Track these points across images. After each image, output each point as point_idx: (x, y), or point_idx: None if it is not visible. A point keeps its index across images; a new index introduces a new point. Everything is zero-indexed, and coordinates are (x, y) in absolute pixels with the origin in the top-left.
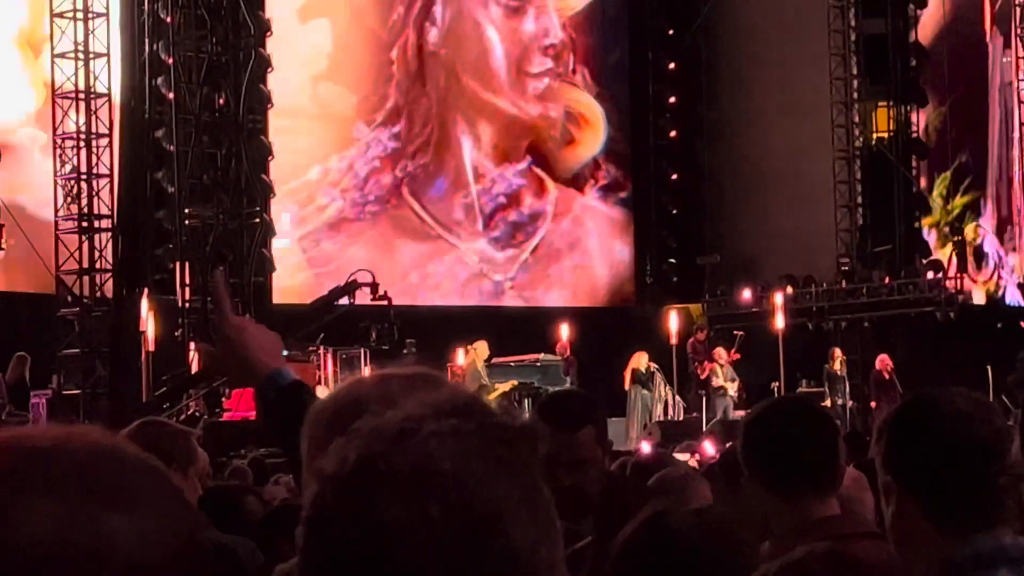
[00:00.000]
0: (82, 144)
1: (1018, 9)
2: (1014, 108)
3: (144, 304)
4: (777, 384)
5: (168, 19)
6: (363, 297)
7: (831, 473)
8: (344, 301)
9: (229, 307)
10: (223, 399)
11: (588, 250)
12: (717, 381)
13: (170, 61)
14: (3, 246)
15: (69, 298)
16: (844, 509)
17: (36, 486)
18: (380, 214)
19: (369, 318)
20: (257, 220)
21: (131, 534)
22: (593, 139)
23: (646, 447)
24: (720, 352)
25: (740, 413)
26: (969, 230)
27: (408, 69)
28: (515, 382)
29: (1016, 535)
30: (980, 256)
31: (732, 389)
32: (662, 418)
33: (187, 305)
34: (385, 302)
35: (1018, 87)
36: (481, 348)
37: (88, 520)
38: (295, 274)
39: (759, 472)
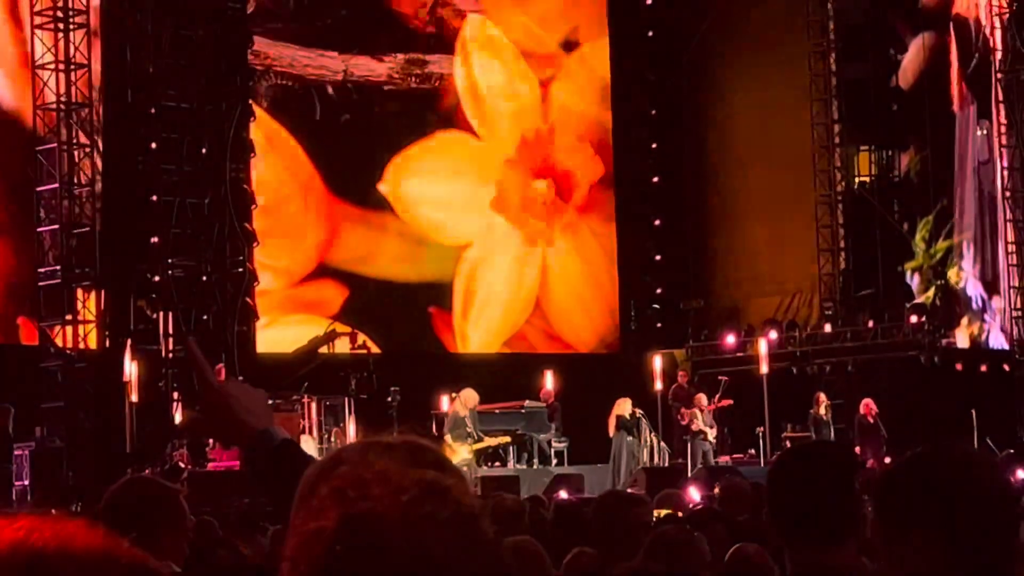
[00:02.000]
0: (65, 195)
1: (999, 85)
2: (996, 180)
3: (127, 355)
4: (762, 429)
5: (150, 69)
6: (344, 346)
7: (848, 519)
8: (324, 350)
9: (208, 372)
10: (207, 449)
11: (580, 294)
12: (698, 425)
13: (152, 111)
14: None
15: (52, 349)
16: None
17: None
18: None
19: (349, 367)
20: (240, 269)
21: None
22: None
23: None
24: (700, 398)
25: (724, 459)
26: (952, 274)
27: None
28: (507, 438)
29: None
30: (963, 300)
31: (711, 435)
32: (648, 464)
33: (171, 355)
34: (365, 351)
35: (1001, 154)
36: (467, 396)
37: None
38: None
39: (776, 520)
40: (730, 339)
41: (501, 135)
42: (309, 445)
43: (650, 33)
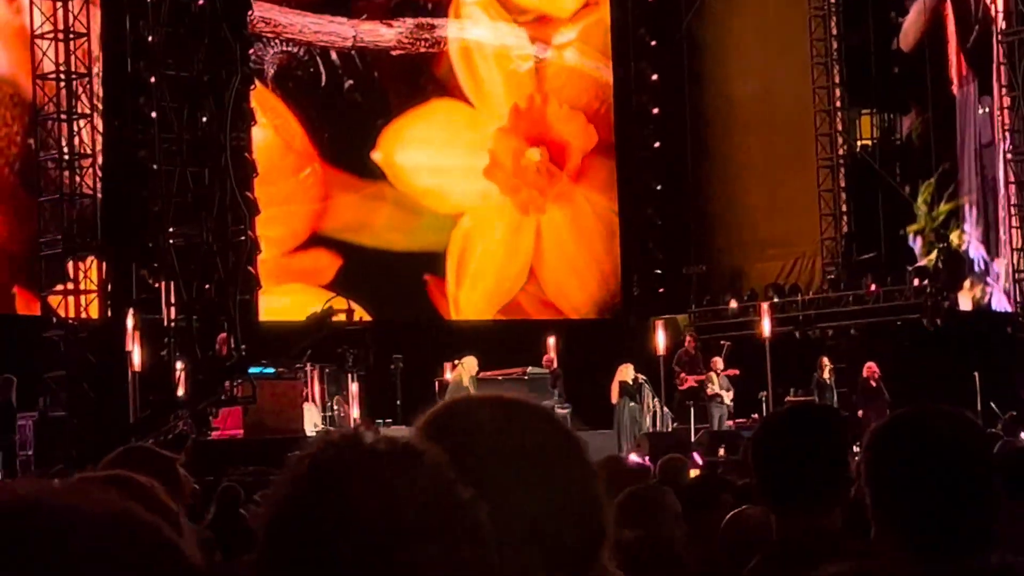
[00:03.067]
0: (65, 165)
1: (1002, 47)
2: (998, 164)
3: (130, 324)
4: (765, 393)
5: (150, 38)
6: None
7: (835, 483)
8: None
9: None
10: (211, 418)
11: (582, 260)
12: (713, 388)
13: (152, 80)
14: None
15: (54, 319)
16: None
17: (58, 564)
18: None
19: (345, 342)
20: (242, 238)
21: None
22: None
23: (635, 458)
24: (716, 361)
25: (728, 424)
26: (954, 237)
27: None
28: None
29: (1004, 555)
30: (966, 263)
31: (727, 398)
32: (650, 430)
33: (173, 325)
34: (360, 324)
35: (1004, 137)
36: (469, 363)
37: None
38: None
39: (761, 486)
40: (732, 304)
41: (494, 103)
42: (312, 413)
43: None
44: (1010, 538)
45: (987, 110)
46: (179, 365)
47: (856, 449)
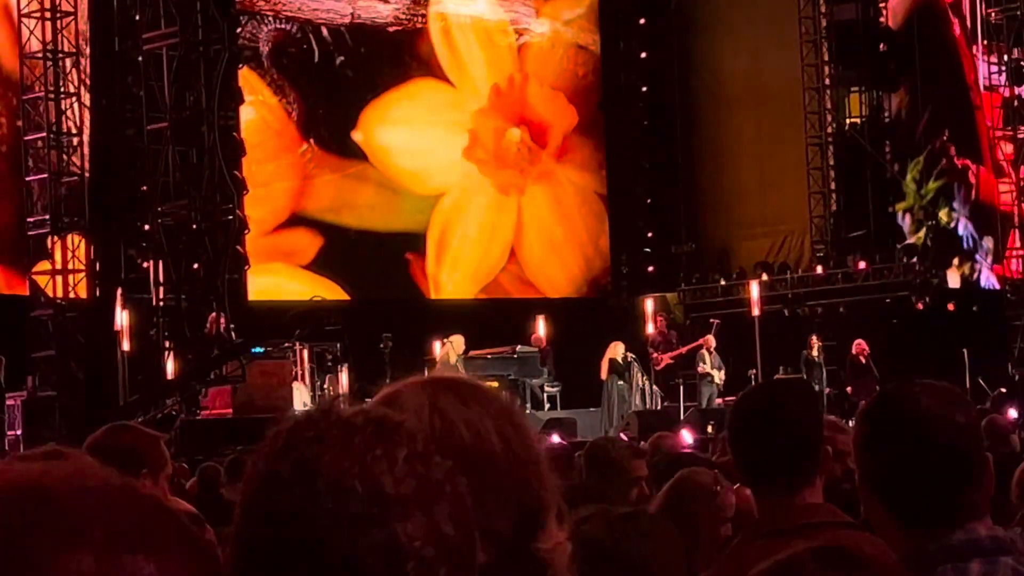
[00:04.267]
0: (52, 144)
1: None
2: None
3: (118, 303)
4: (755, 371)
5: (137, 17)
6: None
7: (811, 459)
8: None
9: None
10: (200, 398)
11: (563, 240)
12: (704, 368)
13: (140, 59)
14: None
15: (42, 299)
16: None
17: (65, 538)
18: None
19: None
20: (231, 217)
21: None
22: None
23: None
24: (709, 339)
25: (718, 402)
26: (943, 214)
27: None
28: (494, 383)
29: (993, 528)
30: (955, 240)
31: (718, 377)
32: (639, 408)
33: (162, 304)
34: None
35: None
36: (457, 342)
37: (118, 569)
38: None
39: (738, 465)
40: (722, 282)
41: (475, 83)
42: (302, 392)
43: None
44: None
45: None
46: (168, 344)
47: (848, 424)
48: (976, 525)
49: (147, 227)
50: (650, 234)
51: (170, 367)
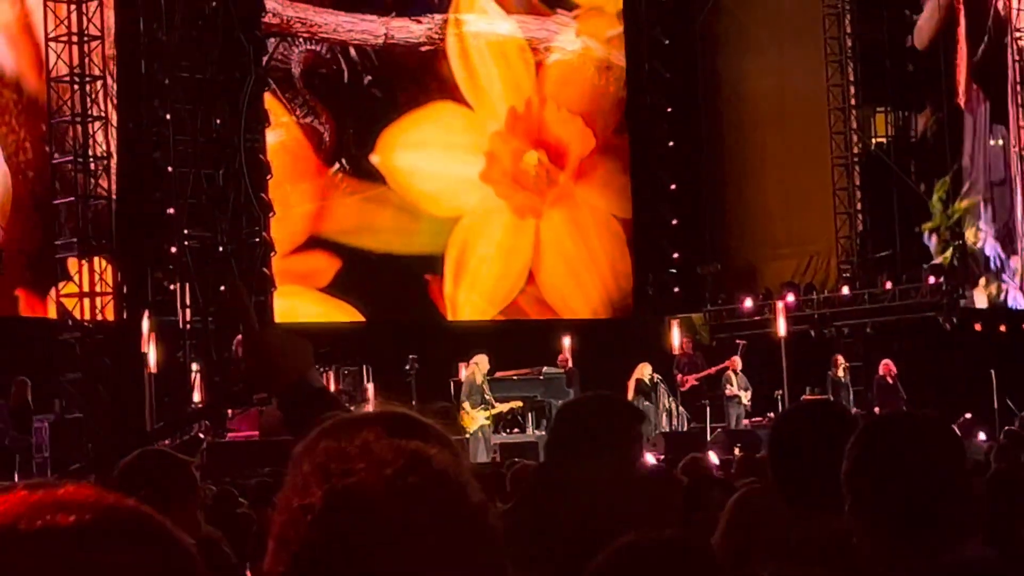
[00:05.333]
0: (80, 167)
1: (1018, 66)
2: (1015, 206)
3: (145, 326)
4: (780, 392)
5: (164, 40)
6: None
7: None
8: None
9: (252, 316)
10: (226, 420)
11: (581, 262)
12: (731, 390)
13: (167, 82)
14: (2, 270)
15: (70, 322)
16: None
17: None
18: None
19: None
20: (257, 239)
21: None
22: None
23: (649, 459)
24: (735, 360)
25: (744, 423)
26: (970, 234)
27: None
28: (519, 403)
29: (983, 547)
30: (980, 260)
31: (745, 398)
32: (666, 429)
33: (188, 326)
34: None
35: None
36: (482, 362)
37: None
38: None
39: (777, 485)
40: (747, 302)
41: (492, 105)
42: None
43: None
44: None
45: (1000, 142)
46: (195, 367)
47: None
48: (968, 545)
49: (174, 249)
50: (676, 254)
51: (196, 394)
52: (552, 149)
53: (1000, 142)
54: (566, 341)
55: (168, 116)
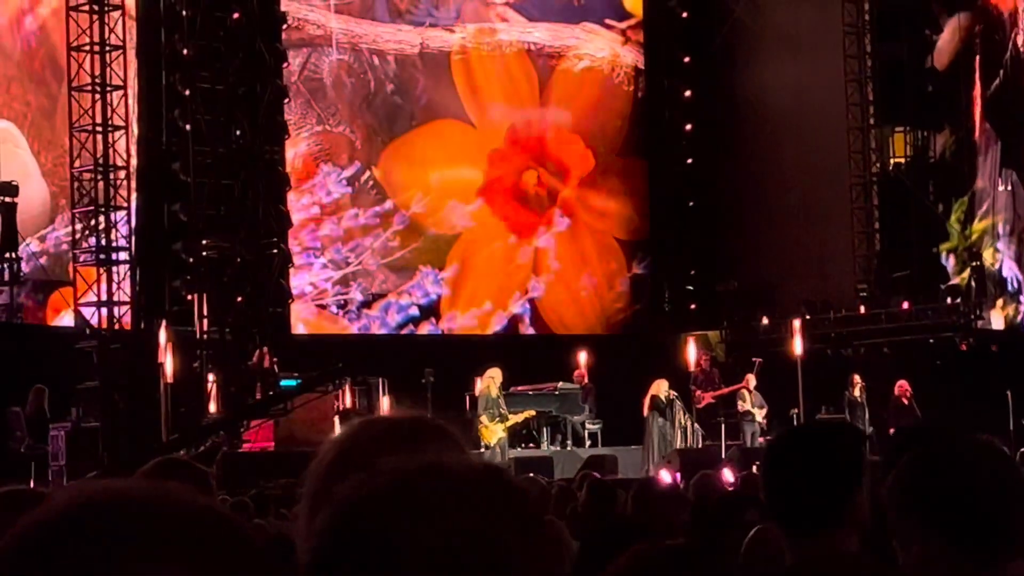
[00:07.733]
0: (99, 177)
1: None
2: None
3: (162, 336)
4: (796, 411)
5: (185, 51)
6: None
7: (844, 504)
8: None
9: None
10: (242, 431)
11: (579, 281)
12: (744, 406)
13: (187, 93)
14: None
15: (87, 331)
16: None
17: (163, 555)
18: None
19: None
20: (275, 251)
21: None
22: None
23: (665, 476)
24: (750, 378)
25: (760, 440)
26: (987, 255)
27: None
28: (532, 412)
29: None
30: (999, 282)
31: (759, 415)
32: (681, 446)
33: (205, 337)
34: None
35: None
36: (496, 375)
37: None
38: None
39: (771, 508)
40: (764, 321)
41: (493, 124)
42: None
43: (684, 14)
44: None
45: (1010, 188)
46: (211, 377)
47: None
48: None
49: (192, 260)
50: (693, 272)
51: (212, 404)
52: (551, 169)
53: (1009, 188)
54: (582, 357)
55: (188, 127)
